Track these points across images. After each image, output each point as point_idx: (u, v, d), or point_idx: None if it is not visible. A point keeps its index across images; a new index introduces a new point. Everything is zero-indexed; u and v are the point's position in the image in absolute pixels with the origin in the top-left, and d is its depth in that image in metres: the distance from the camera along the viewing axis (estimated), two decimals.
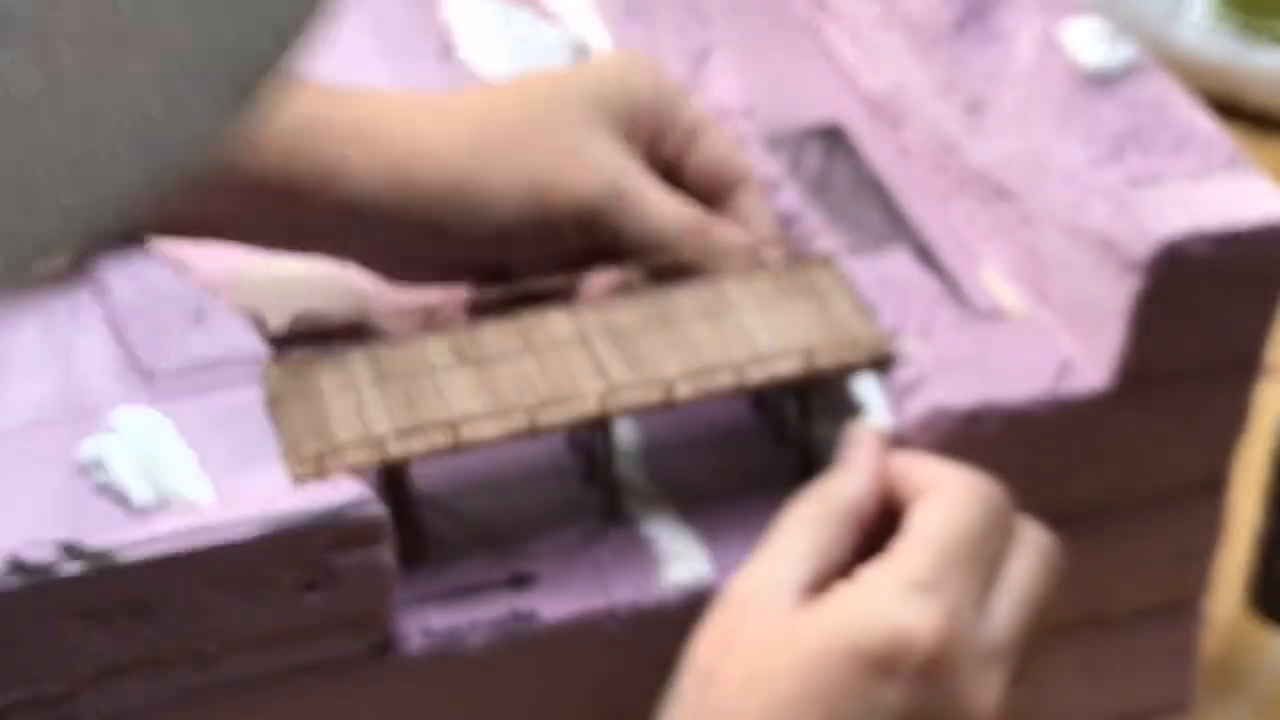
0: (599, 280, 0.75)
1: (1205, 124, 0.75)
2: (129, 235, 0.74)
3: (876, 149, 0.84)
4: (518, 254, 0.76)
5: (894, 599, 0.62)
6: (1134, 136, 0.74)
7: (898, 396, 0.72)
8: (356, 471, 0.67)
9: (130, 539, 0.63)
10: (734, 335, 0.72)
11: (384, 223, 0.75)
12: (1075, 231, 0.73)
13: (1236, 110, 1.22)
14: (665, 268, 0.75)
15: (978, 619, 0.63)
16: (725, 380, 0.70)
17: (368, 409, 0.69)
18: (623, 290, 0.74)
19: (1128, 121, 0.75)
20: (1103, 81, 0.77)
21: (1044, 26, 0.80)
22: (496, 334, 0.72)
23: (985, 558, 0.64)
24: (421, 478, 0.71)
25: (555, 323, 0.73)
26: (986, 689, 0.63)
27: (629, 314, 0.73)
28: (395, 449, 0.67)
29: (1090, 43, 0.77)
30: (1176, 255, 0.70)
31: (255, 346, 0.73)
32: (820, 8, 0.92)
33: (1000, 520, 0.65)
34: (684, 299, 0.74)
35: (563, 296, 0.74)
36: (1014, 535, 0.66)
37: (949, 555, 0.63)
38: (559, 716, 0.72)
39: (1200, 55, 1.22)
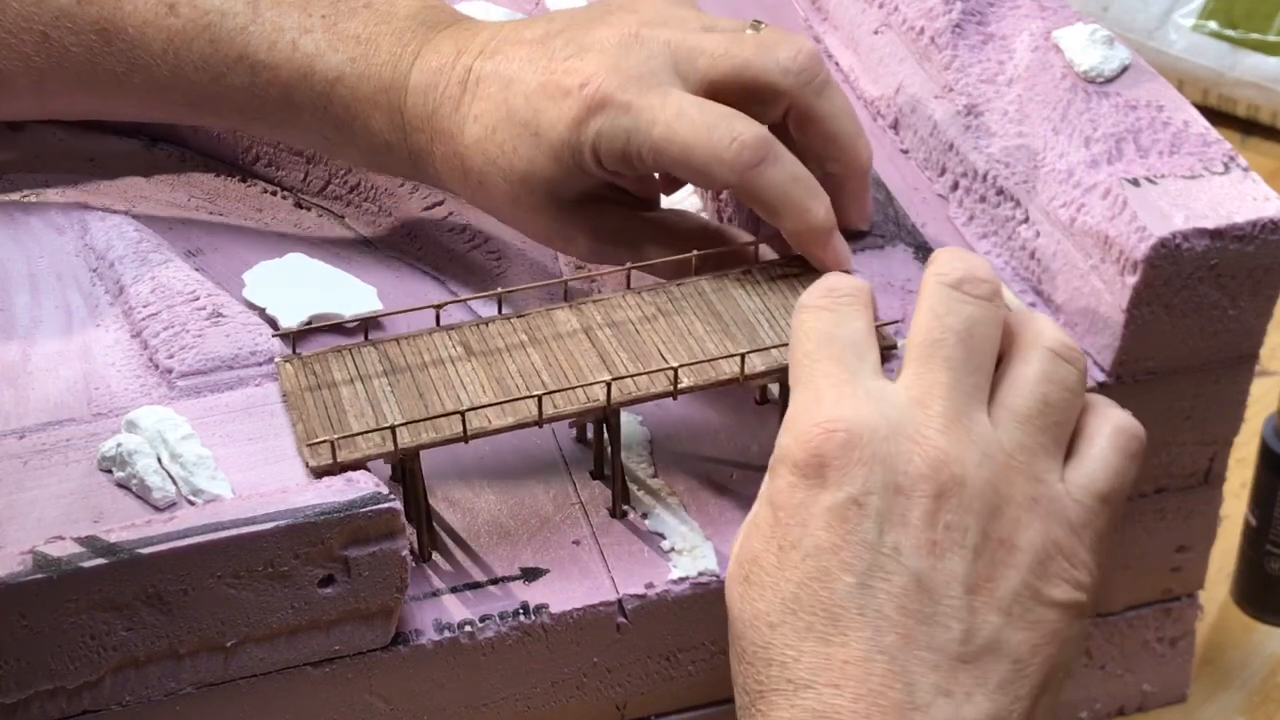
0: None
1: (1200, 125, 0.76)
2: None
3: (877, 149, 0.84)
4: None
5: (796, 419, 0.65)
6: (1131, 137, 0.75)
7: None
8: (369, 463, 0.68)
9: (150, 534, 0.63)
10: (736, 328, 0.73)
11: None
12: (1073, 230, 0.74)
13: (1225, 115, 1.24)
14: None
15: (876, 397, 0.65)
16: (728, 371, 0.71)
17: (379, 401, 0.70)
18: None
19: (1125, 123, 0.75)
20: (1100, 83, 0.78)
21: (1041, 30, 0.80)
22: (503, 328, 0.73)
23: (847, 344, 0.67)
24: (432, 473, 0.72)
25: (560, 317, 0.74)
26: (915, 441, 0.64)
27: (632, 308, 0.74)
28: (407, 439, 0.68)
29: (1087, 46, 0.78)
30: (1173, 253, 0.71)
31: (270, 344, 0.74)
32: (820, 13, 0.93)
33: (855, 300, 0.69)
34: (686, 293, 0.75)
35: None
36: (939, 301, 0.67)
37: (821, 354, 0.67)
38: (568, 707, 0.72)
39: (1189, 62, 1.23)
